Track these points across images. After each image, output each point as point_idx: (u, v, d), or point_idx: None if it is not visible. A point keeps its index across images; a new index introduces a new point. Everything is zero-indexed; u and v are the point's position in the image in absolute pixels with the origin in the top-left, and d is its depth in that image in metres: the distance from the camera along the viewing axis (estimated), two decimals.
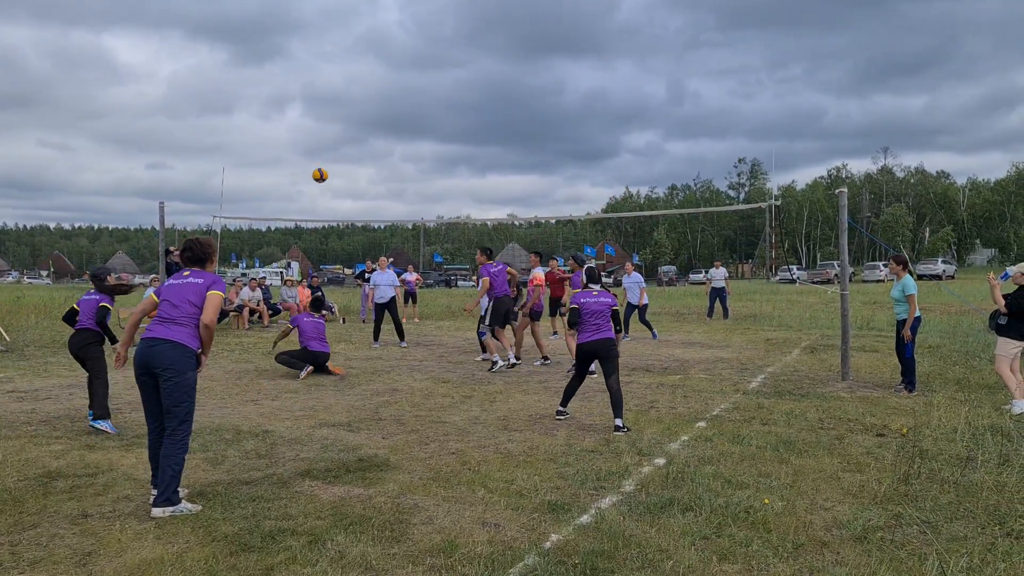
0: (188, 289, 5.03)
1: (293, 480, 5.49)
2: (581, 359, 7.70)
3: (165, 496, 4.74)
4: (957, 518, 4.65)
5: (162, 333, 4.92)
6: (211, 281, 5.07)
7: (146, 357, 4.91)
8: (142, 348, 4.96)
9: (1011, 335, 8.11)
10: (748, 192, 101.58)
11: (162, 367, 4.86)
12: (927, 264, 54.12)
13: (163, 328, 4.95)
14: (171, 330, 4.93)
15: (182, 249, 5.28)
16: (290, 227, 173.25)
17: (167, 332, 4.92)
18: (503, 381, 10.33)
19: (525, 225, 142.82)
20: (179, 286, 5.08)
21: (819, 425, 7.31)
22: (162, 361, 4.86)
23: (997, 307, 8.20)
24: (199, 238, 5.34)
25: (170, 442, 4.84)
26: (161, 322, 4.99)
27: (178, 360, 4.87)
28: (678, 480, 5.43)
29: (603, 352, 7.57)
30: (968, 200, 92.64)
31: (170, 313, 4.98)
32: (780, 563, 3.97)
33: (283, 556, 4.06)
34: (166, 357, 4.86)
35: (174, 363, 4.86)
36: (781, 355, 13.19)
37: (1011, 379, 8.07)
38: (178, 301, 5.00)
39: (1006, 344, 8.15)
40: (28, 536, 4.40)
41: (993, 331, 8.48)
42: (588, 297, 7.65)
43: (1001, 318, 8.20)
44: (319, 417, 7.85)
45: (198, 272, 5.18)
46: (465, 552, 4.11)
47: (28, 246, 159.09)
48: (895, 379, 9.84)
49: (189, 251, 5.24)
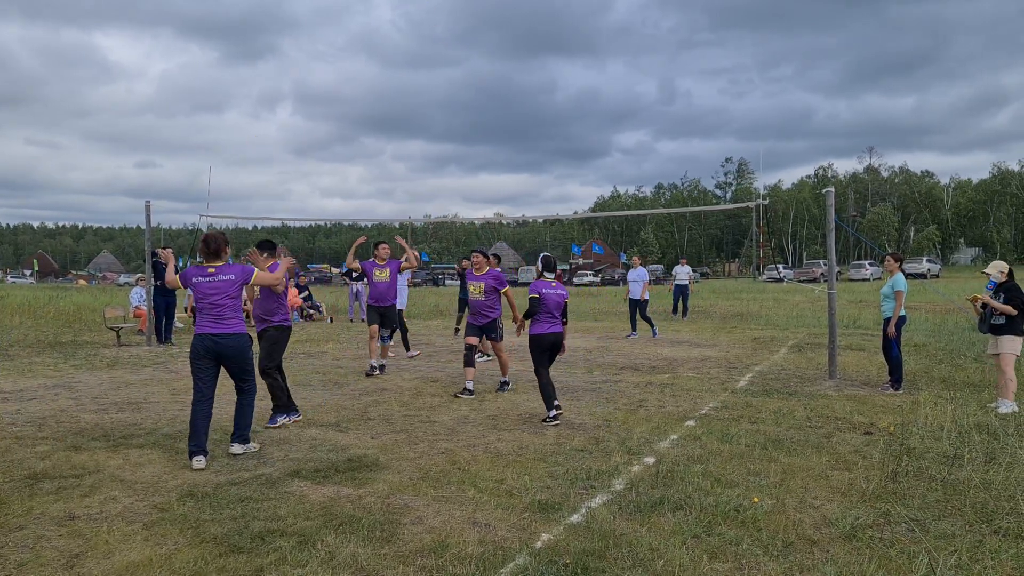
0: (223, 287, 6.09)
1: (282, 480, 5.46)
2: (543, 351, 7.65)
3: (244, 435, 6.31)
4: (945, 516, 4.69)
5: (220, 328, 6.06)
6: (239, 271, 6.21)
7: (214, 348, 6.05)
8: (207, 342, 6.04)
9: (1016, 331, 8.01)
10: (735, 191, 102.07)
11: (229, 356, 6.12)
12: (912, 263, 54.58)
13: (219, 325, 6.07)
14: (227, 325, 6.08)
15: (204, 243, 6.23)
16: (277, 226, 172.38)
17: (224, 327, 6.07)
18: (492, 380, 10.32)
19: (513, 224, 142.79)
20: (208, 284, 6.09)
21: (807, 423, 7.35)
22: (228, 351, 6.10)
23: (988, 310, 8.16)
24: (212, 232, 6.37)
25: (245, 399, 6.41)
26: (215, 320, 6.07)
27: (240, 346, 6.16)
28: (668, 479, 5.44)
29: (558, 345, 7.65)
30: (952, 199, 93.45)
31: (219, 312, 6.08)
32: (770, 561, 3.99)
33: (273, 557, 4.04)
34: (231, 347, 6.10)
35: (238, 350, 6.16)
36: (769, 354, 13.25)
37: (1014, 380, 8.02)
38: (220, 299, 6.07)
39: (1013, 342, 8.04)
40: (14, 538, 4.35)
41: (988, 333, 8.32)
42: (547, 288, 7.67)
43: (997, 317, 8.13)
44: (307, 417, 7.81)
45: (221, 268, 6.16)
46: (455, 552, 4.10)
47: (12, 245, 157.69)
48: (882, 377, 9.90)
49: (206, 245, 6.22)
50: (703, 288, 45.68)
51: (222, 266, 6.17)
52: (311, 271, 79.00)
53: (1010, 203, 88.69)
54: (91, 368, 11.71)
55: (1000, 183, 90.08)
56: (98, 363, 12.31)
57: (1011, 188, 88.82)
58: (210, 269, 6.11)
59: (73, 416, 7.85)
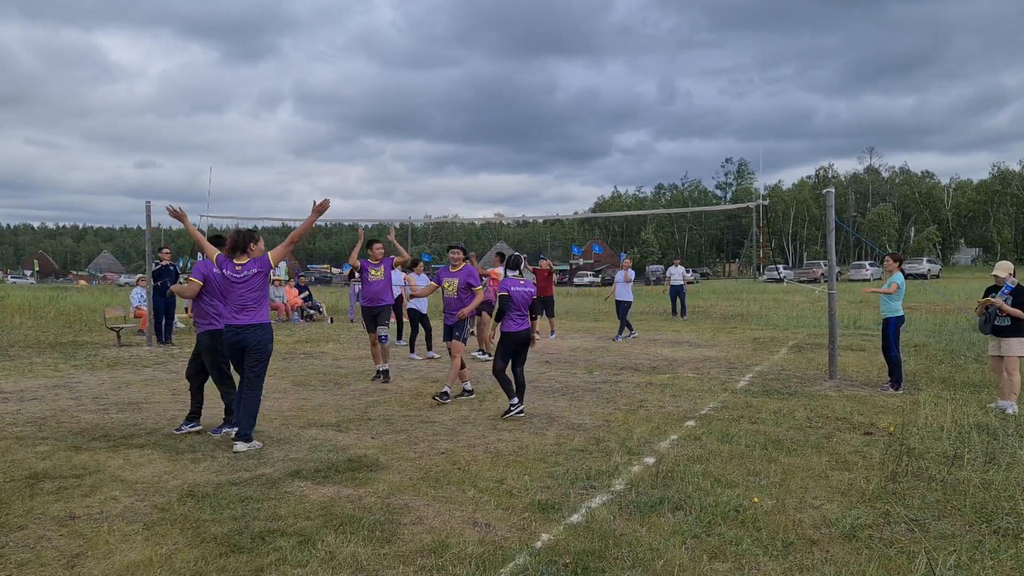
0: (249, 282, 6.48)
1: (282, 481, 5.47)
2: (513, 348, 7.74)
3: (246, 434, 6.41)
4: (945, 516, 4.69)
5: (246, 320, 6.45)
6: (260, 263, 6.55)
7: (239, 338, 6.44)
8: (231, 333, 6.47)
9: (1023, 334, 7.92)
10: (735, 192, 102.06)
11: (251, 345, 6.46)
12: (913, 263, 54.60)
13: (245, 316, 6.46)
14: (252, 316, 6.47)
15: (231, 241, 6.63)
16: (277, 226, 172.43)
17: (249, 319, 6.46)
18: (492, 381, 10.32)
19: (512, 224, 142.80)
20: (235, 277, 6.49)
21: (807, 424, 7.35)
22: (251, 341, 6.45)
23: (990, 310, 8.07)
24: (240, 229, 6.75)
25: (251, 395, 6.49)
26: (242, 310, 6.46)
27: (263, 337, 6.52)
28: (668, 479, 5.44)
29: (527, 341, 7.75)
30: (952, 200, 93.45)
31: (243, 303, 6.45)
32: (770, 561, 3.99)
33: (273, 557, 4.04)
34: (254, 338, 6.46)
35: (260, 341, 6.50)
36: (769, 354, 13.25)
37: (1019, 382, 7.98)
38: (245, 292, 6.45)
39: (1021, 344, 7.94)
40: (15, 538, 4.35)
41: (990, 334, 8.19)
42: (516, 285, 7.75)
43: (1002, 319, 7.99)
44: (308, 417, 7.82)
45: (248, 263, 6.55)
46: (455, 552, 4.11)
47: (12, 245, 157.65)
48: (882, 377, 9.91)
49: (234, 241, 6.63)
50: (703, 288, 45.73)
51: (248, 261, 6.58)
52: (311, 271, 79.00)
53: (1010, 203, 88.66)
54: (92, 368, 11.72)
55: (1000, 183, 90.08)
56: (98, 363, 12.32)
57: (1011, 188, 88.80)
58: (237, 265, 6.54)
59: (74, 416, 7.86)
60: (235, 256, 6.57)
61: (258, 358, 6.50)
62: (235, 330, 6.45)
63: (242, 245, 6.59)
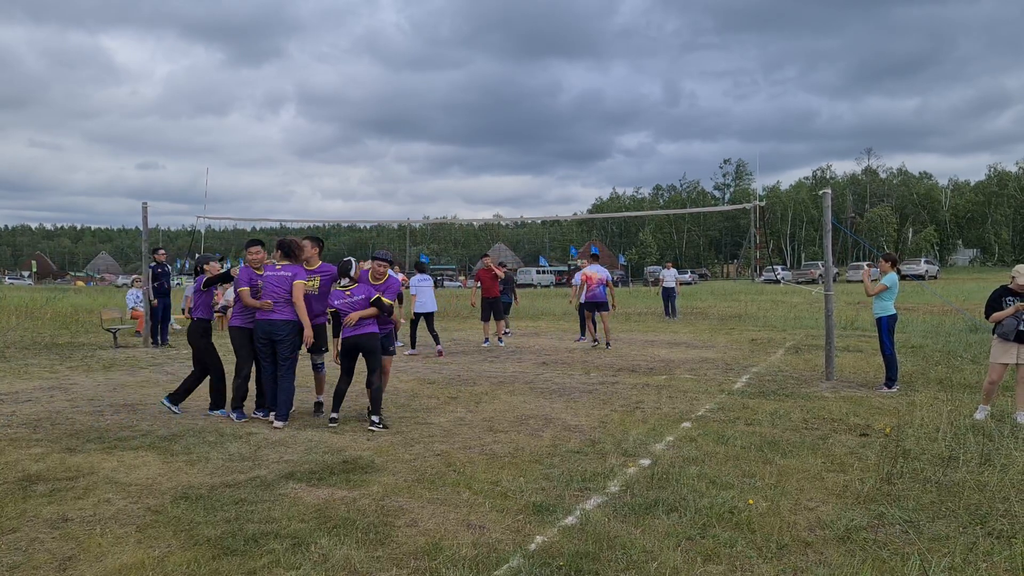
0: (282, 281, 7.50)
1: (277, 482, 5.46)
2: (344, 354, 7.53)
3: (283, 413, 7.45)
4: (939, 518, 4.68)
5: (276, 315, 7.47)
6: (292, 273, 7.53)
7: (270, 331, 7.50)
8: (264, 326, 7.51)
9: None
10: (733, 193, 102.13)
11: (280, 337, 7.50)
12: (910, 264, 54.65)
13: (275, 312, 7.48)
14: (281, 311, 7.47)
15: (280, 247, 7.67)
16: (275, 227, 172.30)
17: (279, 314, 7.48)
18: (489, 382, 10.32)
19: (511, 225, 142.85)
20: (275, 278, 7.54)
21: (803, 425, 7.35)
22: (279, 333, 7.50)
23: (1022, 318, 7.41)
24: (289, 238, 7.78)
25: (284, 383, 7.48)
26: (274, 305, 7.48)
27: (289, 330, 7.52)
28: (663, 481, 5.44)
29: (365, 347, 7.47)
30: (950, 201, 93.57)
31: (276, 300, 7.47)
32: (764, 563, 3.98)
33: (266, 559, 4.03)
34: (282, 330, 7.49)
35: (287, 333, 7.51)
36: (766, 355, 13.25)
37: None
38: (277, 287, 7.49)
39: None
40: (7, 541, 4.34)
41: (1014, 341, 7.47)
42: (340, 298, 7.42)
43: None
44: (303, 419, 7.80)
45: (287, 266, 7.57)
46: (450, 554, 4.10)
47: (10, 246, 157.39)
48: (879, 379, 9.91)
49: (280, 249, 7.66)
50: (701, 289, 45.75)
51: (287, 265, 7.57)
52: None
53: (1008, 205, 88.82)
54: (87, 370, 11.70)
55: (998, 184, 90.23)
56: (94, 365, 12.30)
57: (1009, 190, 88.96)
58: (278, 267, 7.56)
59: (68, 418, 7.84)
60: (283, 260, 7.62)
61: (288, 348, 7.49)
62: (268, 323, 7.48)
63: (287, 251, 7.61)
